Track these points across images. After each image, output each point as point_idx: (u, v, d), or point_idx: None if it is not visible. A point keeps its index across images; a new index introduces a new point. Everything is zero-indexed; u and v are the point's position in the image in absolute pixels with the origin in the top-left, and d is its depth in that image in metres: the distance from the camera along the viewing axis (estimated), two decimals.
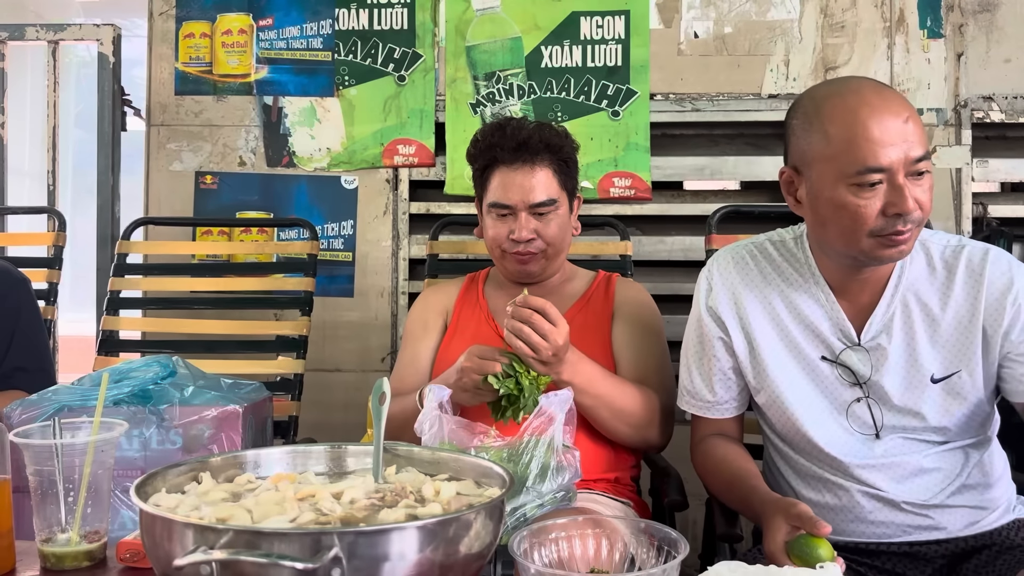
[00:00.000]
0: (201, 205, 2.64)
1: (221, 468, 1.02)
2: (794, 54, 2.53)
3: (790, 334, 1.39)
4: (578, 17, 2.55)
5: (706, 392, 1.48)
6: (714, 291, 1.45)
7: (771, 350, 1.40)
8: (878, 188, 1.23)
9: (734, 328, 1.43)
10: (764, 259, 1.44)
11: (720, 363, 1.45)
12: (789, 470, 1.45)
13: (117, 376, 1.50)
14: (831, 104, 1.26)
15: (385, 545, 0.78)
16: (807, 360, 1.39)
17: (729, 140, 2.60)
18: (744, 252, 1.46)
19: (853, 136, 1.22)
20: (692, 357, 1.50)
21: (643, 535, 0.99)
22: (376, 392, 1.05)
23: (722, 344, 1.45)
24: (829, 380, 1.38)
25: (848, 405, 1.37)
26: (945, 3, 2.51)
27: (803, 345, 1.38)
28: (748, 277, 1.44)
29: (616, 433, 1.61)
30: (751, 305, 1.42)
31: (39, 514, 1.09)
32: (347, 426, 2.39)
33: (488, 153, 1.70)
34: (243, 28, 2.64)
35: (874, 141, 1.21)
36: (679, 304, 2.45)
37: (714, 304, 1.45)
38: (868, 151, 1.21)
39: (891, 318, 1.35)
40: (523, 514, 1.32)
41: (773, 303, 1.41)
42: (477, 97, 2.58)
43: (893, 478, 1.35)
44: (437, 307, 1.82)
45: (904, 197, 1.21)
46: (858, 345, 1.36)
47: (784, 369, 1.40)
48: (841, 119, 1.24)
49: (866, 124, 1.22)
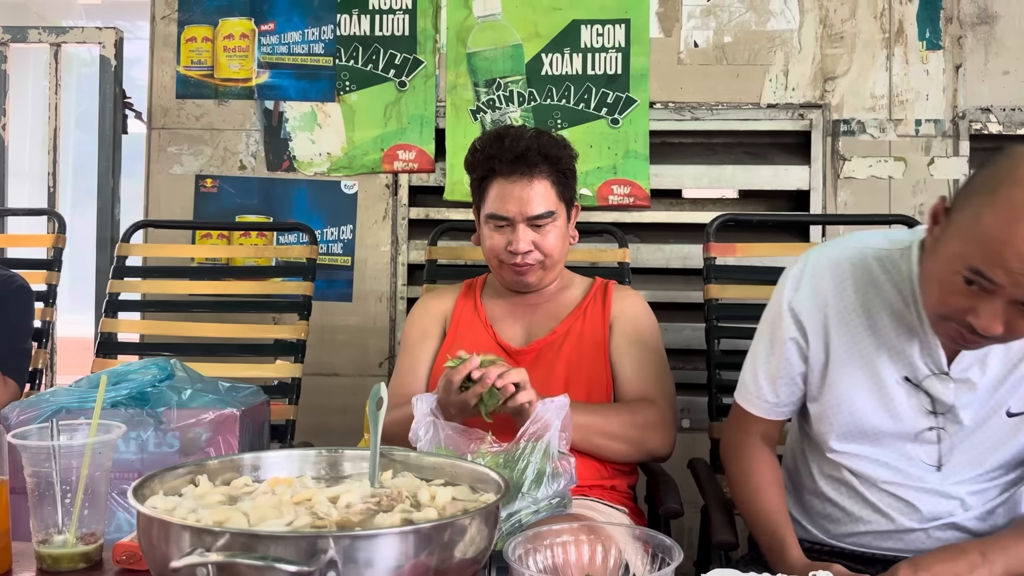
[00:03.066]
0: (201, 208, 2.65)
1: (218, 471, 1.03)
2: (793, 64, 2.55)
3: (872, 352, 1.32)
4: (579, 25, 2.56)
5: (769, 392, 1.41)
6: (802, 292, 1.36)
7: (845, 365, 1.33)
8: (978, 293, 1.12)
9: (815, 334, 1.35)
10: (863, 272, 1.34)
11: (791, 367, 1.38)
12: (818, 472, 1.43)
13: (115, 378, 1.50)
14: (1010, 191, 1.08)
15: (381, 549, 0.79)
16: (881, 380, 1.32)
17: (728, 149, 2.61)
18: (844, 259, 1.35)
19: (991, 236, 1.08)
20: (761, 353, 1.42)
21: (638, 542, 0.99)
22: (373, 397, 1.05)
23: (796, 347, 1.37)
24: (903, 405, 1.31)
25: (919, 433, 1.32)
26: (944, 15, 2.52)
27: (882, 364, 1.31)
28: (841, 286, 1.34)
29: (617, 455, 1.63)
30: (839, 314, 1.34)
31: (36, 515, 1.09)
32: (344, 430, 2.39)
33: (486, 164, 1.70)
34: (245, 32, 2.64)
35: (1004, 258, 1.07)
36: (677, 312, 2.47)
37: (798, 305, 1.36)
38: (991, 258, 1.08)
39: (988, 351, 1.27)
40: (518, 520, 1.32)
41: (863, 317, 1.32)
42: (477, 104, 2.59)
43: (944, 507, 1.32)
44: (435, 314, 1.82)
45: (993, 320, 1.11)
46: (946, 375, 1.28)
47: (853, 387, 1.33)
48: (1001, 212, 1.08)
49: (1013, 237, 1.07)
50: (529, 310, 1.77)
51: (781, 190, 2.56)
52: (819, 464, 1.43)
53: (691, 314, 2.41)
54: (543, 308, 1.77)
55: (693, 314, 2.37)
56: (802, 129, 2.55)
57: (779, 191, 2.57)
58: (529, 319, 1.76)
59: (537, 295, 1.78)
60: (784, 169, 2.55)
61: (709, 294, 2.10)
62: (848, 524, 1.40)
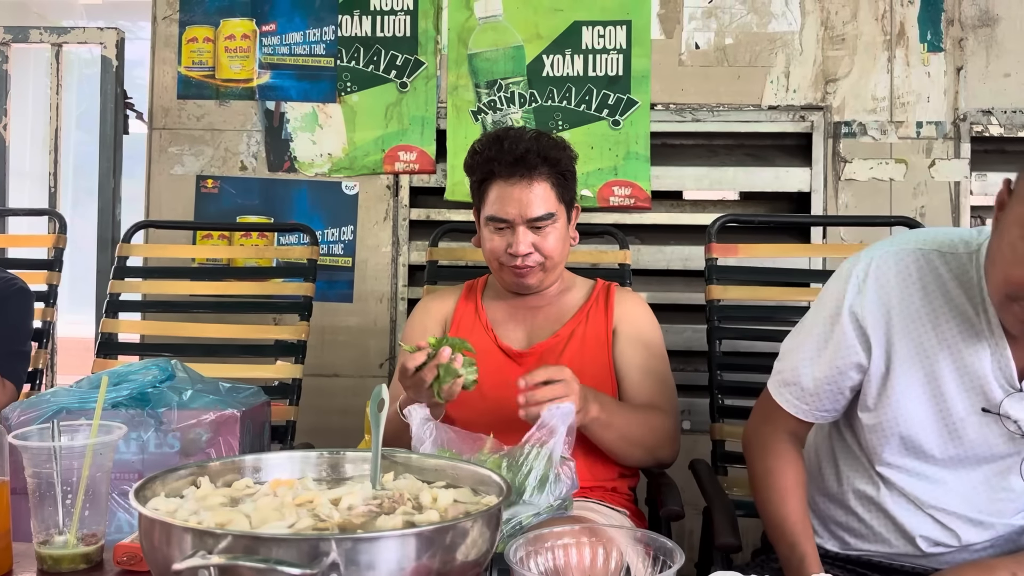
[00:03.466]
0: (202, 209, 2.65)
1: (220, 473, 1.02)
2: (794, 66, 2.55)
3: (939, 369, 1.22)
4: (580, 27, 2.56)
5: (810, 395, 1.31)
6: (865, 295, 1.25)
7: (908, 381, 1.24)
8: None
9: (877, 344, 1.24)
10: (931, 273, 1.23)
11: (842, 377, 1.29)
12: (847, 483, 1.36)
13: (116, 379, 1.50)
14: None
15: (382, 552, 0.79)
16: (950, 407, 1.22)
17: (729, 151, 2.61)
18: (910, 260, 1.24)
19: None
20: (809, 352, 1.31)
21: (639, 544, 0.99)
22: (375, 398, 1.05)
23: (853, 356, 1.26)
24: (984, 435, 1.22)
25: (1016, 464, 1.23)
26: (945, 17, 2.52)
27: (953, 388, 1.22)
28: (909, 291, 1.23)
29: (632, 459, 1.64)
30: (903, 323, 1.23)
31: (37, 516, 1.09)
32: (345, 431, 2.39)
33: (485, 166, 1.70)
34: (246, 33, 2.64)
35: None
36: (678, 313, 2.47)
37: (861, 311, 1.25)
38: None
39: None
40: (519, 523, 1.32)
41: (926, 322, 1.22)
42: (478, 105, 2.59)
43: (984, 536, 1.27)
44: (436, 315, 1.82)
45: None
46: (1020, 391, 1.20)
47: (913, 403, 1.24)
48: None
49: None
50: (531, 313, 1.77)
51: (782, 192, 2.56)
52: (851, 474, 1.36)
53: (692, 315, 2.41)
54: (545, 311, 1.77)
55: (694, 315, 2.37)
56: (803, 131, 2.55)
57: (780, 193, 2.57)
58: (531, 322, 1.76)
59: (538, 297, 1.78)
60: (785, 171, 2.55)
61: (711, 295, 2.10)
62: (871, 543, 1.35)
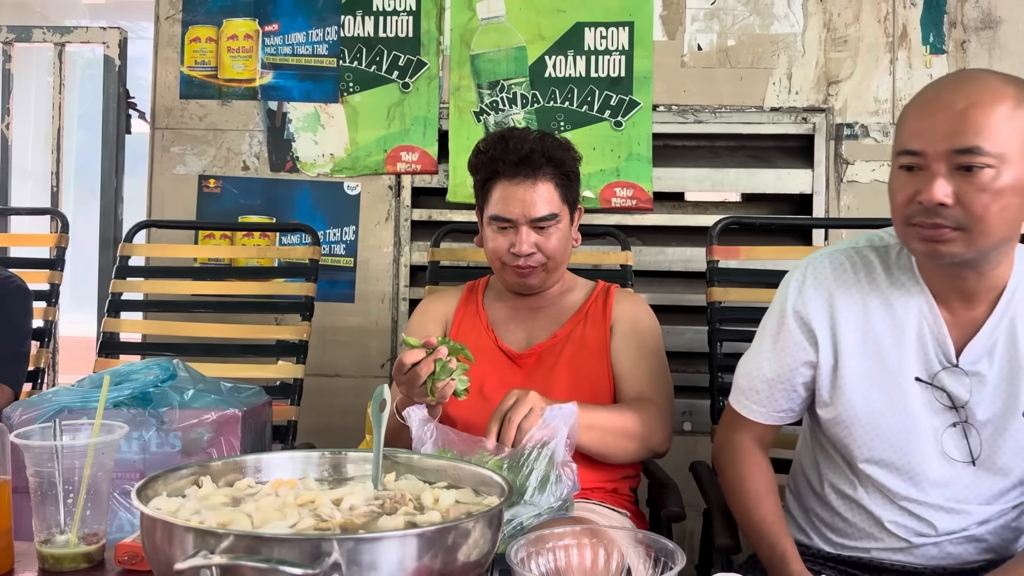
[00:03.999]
0: (204, 209, 2.65)
1: (221, 472, 1.03)
2: (797, 67, 2.55)
3: (883, 350, 1.30)
4: (582, 28, 2.57)
5: (766, 398, 1.39)
6: (805, 295, 1.34)
7: (856, 367, 1.31)
8: (916, 173, 1.18)
9: (823, 337, 1.33)
10: (863, 266, 1.34)
11: (793, 373, 1.36)
12: (829, 484, 1.40)
13: (117, 378, 1.51)
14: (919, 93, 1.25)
15: (384, 552, 0.79)
16: (896, 381, 1.29)
17: (731, 152, 2.61)
18: (843, 257, 1.35)
19: (906, 112, 1.22)
20: (760, 358, 1.39)
21: (640, 546, 0.99)
22: (376, 399, 1.05)
23: (802, 353, 1.34)
24: (918, 403, 1.29)
25: (942, 432, 1.29)
26: (948, 19, 2.52)
27: (895, 363, 1.29)
28: (845, 284, 1.33)
29: (626, 453, 1.61)
30: (845, 315, 1.32)
31: (38, 515, 1.09)
32: (346, 431, 2.39)
33: (490, 166, 1.70)
34: (249, 33, 2.65)
35: (917, 125, 1.19)
36: (679, 315, 2.47)
37: (803, 309, 1.34)
38: (909, 134, 1.20)
39: (995, 343, 1.27)
40: (520, 524, 1.32)
41: (870, 315, 1.31)
42: (481, 105, 2.59)
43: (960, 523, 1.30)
44: (437, 316, 1.82)
45: (929, 186, 1.15)
46: (956, 367, 1.28)
47: (866, 389, 1.31)
48: (913, 102, 1.23)
49: (922, 101, 1.20)
50: (531, 314, 1.77)
51: (784, 194, 2.56)
52: (830, 474, 1.40)
53: (693, 317, 2.41)
54: (545, 312, 1.77)
55: (695, 317, 2.37)
56: (805, 133, 2.55)
57: (782, 195, 2.57)
58: (531, 323, 1.76)
59: (539, 298, 1.78)
60: (787, 172, 2.55)
61: (712, 297, 2.10)
62: (857, 539, 1.37)
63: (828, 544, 1.41)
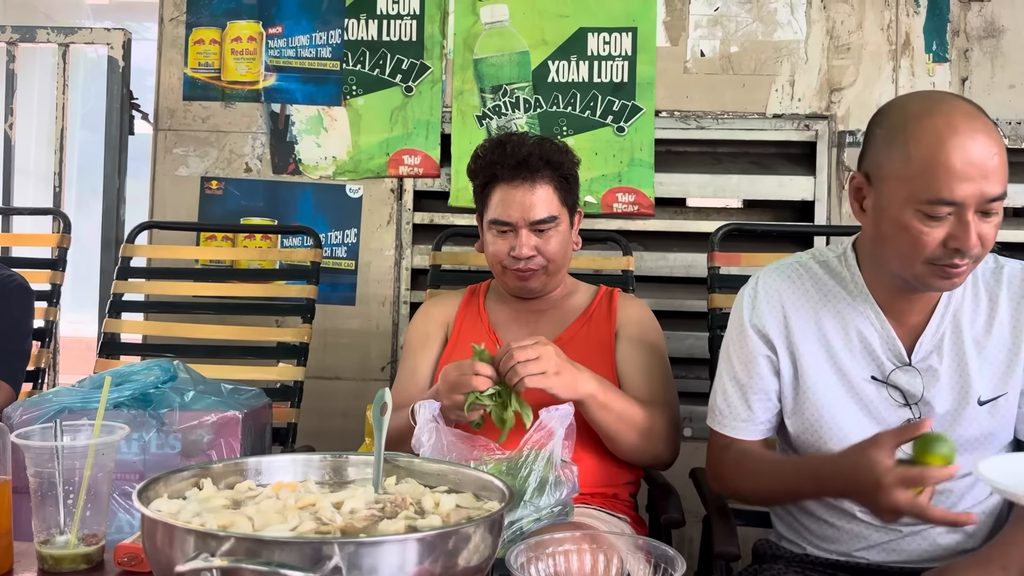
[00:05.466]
0: (206, 210, 2.65)
1: (222, 475, 1.03)
2: (799, 75, 2.55)
3: (837, 354, 1.37)
4: (585, 33, 2.57)
5: (743, 410, 1.43)
6: (758, 308, 1.42)
7: (815, 371, 1.37)
8: (946, 220, 1.20)
9: (781, 346, 1.40)
10: (810, 277, 1.42)
11: (763, 382, 1.41)
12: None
13: (118, 379, 1.50)
14: (920, 124, 1.21)
15: (385, 556, 0.79)
16: (852, 382, 1.36)
17: (733, 158, 2.61)
18: (790, 270, 1.44)
19: (934, 163, 1.18)
20: (729, 376, 1.45)
21: (640, 552, 0.99)
22: (377, 402, 1.05)
23: (768, 362, 1.41)
24: (876, 402, 1.35)
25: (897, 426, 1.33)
26: (951, 28, 2.53)
27: (850, 366, 1.36)
28: (796, 294, 1.41)
29: (631, 445, 1.59)
30: (798, 323, 1.39)
31: (38, 515, 1.09)
32: (345, 434, 2.39)
33: (488, 170, 1.71)
34: (253, 36, 2.65)
35: (953, 174, 1.17)
36: (680, 320, 2.46)
37: (759, 321, 1.41)
38: (945, 182, 1.18)
39: (941, 339, 1.34)
40: (520, 528, 1.32)
41: (822, 321, 1.38)
42: (483, 110, 2.59)
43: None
44: (438, 319, 1.82)
45: (968, 233, 1.19)
46: (909, 365, 1.34)
47: (827, 392, 1.37)
48: (926, 142, 1.19)
49: (950, 154, 1.18)
50: (534, 316, 1.78)
51: (785, 200, 2.56)
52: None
53: (694, 323, 2.41)
54: (548, 314, 1.78)
55: (696, 323, 2.37)
56: (807, 140, 2.55)
57: (783, 201, 2.57)
58: (534, 325, 1.76)
59: (541, 301, 1.78)
60: (789, 179, 2.55)
61: (713, 303, 2.10)
62: (845, 542, 1.39)
63: (821, 550, 1.42)
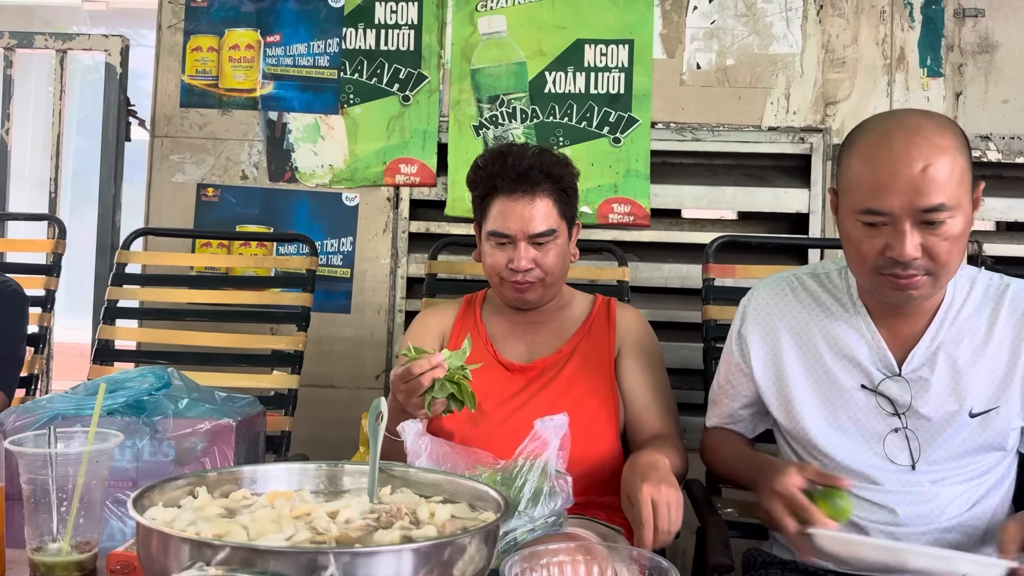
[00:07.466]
0: (202, 217, 2.65)
1: (217, 483, 1.02)
2: (795, 88, 2.56)
3: (825, 365, 1.41)
4: (582, 45, 2.58)
5: (722, 405, 1.59)
6: (747, 321, 1.50)
7: (800, 383, 1.43)
8: (882, 228, 1.25)
9: (759, 358, 1.47)
10: (804, 290, 1.47)
11: (735, 389, 1.54)
12: None
13: (112, 386, 1.50)
14: (863, 138, 1.29)
15: (380, 566, 0.79)
16: (841, 391, 1.40)
17: (728, 170, 2.62)
18: (783, 283, 1.50)
19: (863, 174, 1.26)
20: (718, 374, 1.59)
21: (633, 563, 0.99)
22: (373, 412, 1.06)
23: (741, 374, 1.51)
24: (864, 410, 1.39)
25: (884, 436, 1.38)
26: (945, 43, 2.54)
27: (839, 375, 1.40)
28: (784, 308, 1.47)
29: None
30: (784, 336, 1.45)
31: (31, 522, 1.08)
32: (340, 442, 2.38)
33: (488, 182, 1.71)
34: (251, 44, 2.66)
35: (880, 184, 1.23)
36: (675, 331, 2.47)
37: (745, 333, 1.49)
38: (872, 192, 1.24)
39: (935, 351, 1.36)
40: (513, 538, 1.32)
41: (810, 334, 1.43)
42: (480, 119, 2.60)
43: (919, 511, 1.36)
44: (434, 329, 1.82)
45: (902, 243, 1.23)
46: (899, 375, 1.37)
47: (812, 402, 1.42)
48: (863, 154, 1.27)
49: (877, 166, 1.24)
50: (531, 328, 1.78)
51: (780, 212, 2.57)
52: None
53: (689, 334, 2.41)
54: (546, 326, 1.78)
55: (691, 334, 2.37)
56: (802, 152, 2.56)
57: (778, 213, 2.58)
58: (531, 337, 1.76)
59: (538, 313, 1.78)
60: (784, 192, 2.56)
61: (708, 315, 2.11)
62: None
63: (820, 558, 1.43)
